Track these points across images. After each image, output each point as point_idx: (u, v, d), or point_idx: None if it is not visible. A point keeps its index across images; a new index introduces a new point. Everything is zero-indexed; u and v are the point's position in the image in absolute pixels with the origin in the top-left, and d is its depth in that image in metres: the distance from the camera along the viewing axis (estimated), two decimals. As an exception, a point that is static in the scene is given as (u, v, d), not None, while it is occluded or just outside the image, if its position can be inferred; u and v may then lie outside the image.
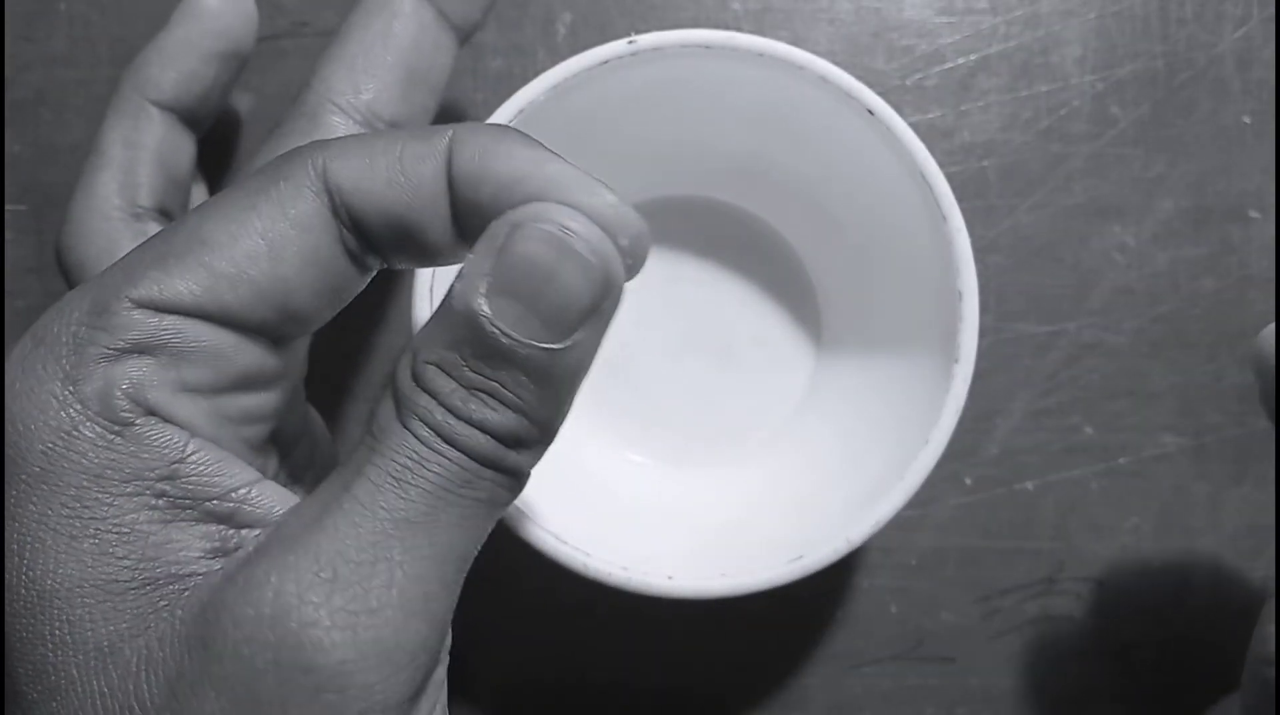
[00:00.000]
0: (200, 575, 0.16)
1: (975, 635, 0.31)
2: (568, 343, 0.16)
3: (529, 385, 0.16)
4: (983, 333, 0.30)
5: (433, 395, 0.16)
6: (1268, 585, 0.32)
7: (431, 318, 0.17)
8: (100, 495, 0.16)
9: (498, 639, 0.31)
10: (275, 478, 0.20)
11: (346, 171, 0.17)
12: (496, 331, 0.16)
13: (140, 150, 0.25)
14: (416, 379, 0.16)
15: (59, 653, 0.15)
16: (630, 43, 0.24)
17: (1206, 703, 0.31)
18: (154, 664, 0.15)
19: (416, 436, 0.16)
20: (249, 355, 0.17)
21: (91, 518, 0.15)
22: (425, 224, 0.17)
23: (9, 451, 0.16)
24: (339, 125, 0.23)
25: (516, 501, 0.24)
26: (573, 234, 0.16)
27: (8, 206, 0.32)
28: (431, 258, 0.18)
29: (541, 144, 0.17)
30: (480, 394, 0.16)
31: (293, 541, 0.16)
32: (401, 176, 0.17)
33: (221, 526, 0.16)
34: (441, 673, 0.18)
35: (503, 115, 0.24)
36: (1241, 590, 0.32)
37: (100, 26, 0.32)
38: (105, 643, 0.15)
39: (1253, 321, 0.32)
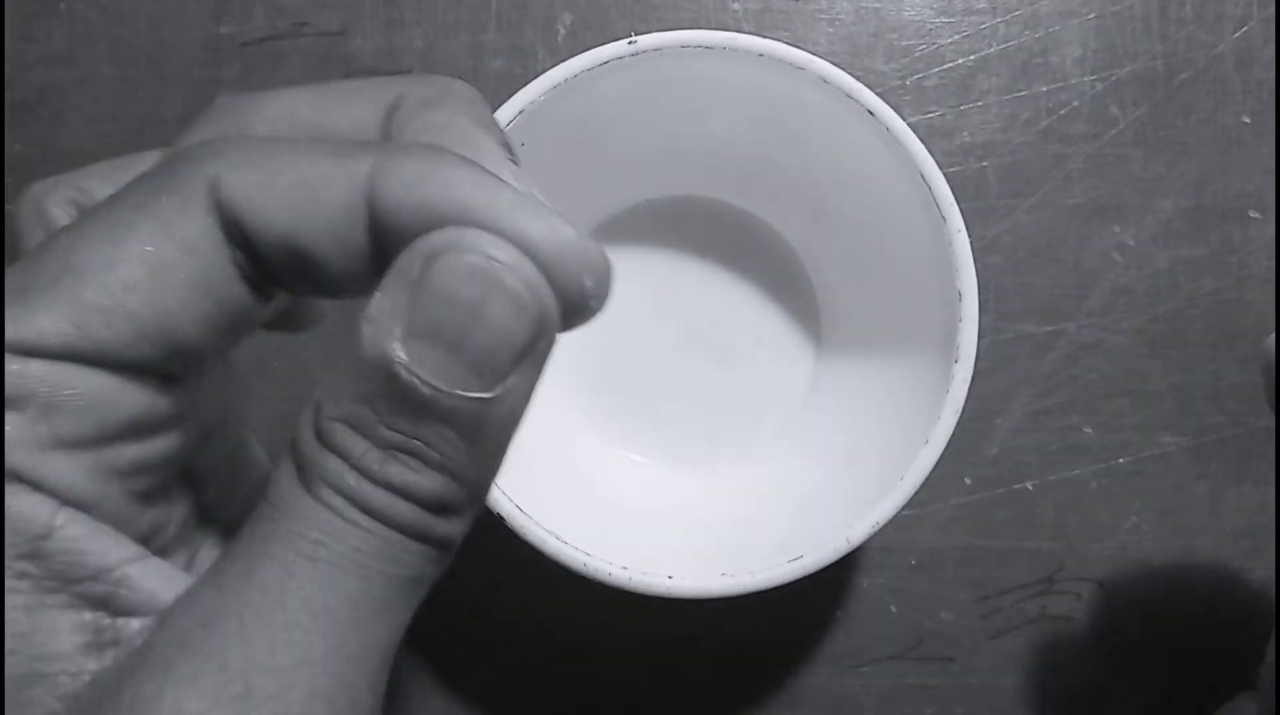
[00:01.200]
0: (70, 674, 0.13)
1: (975, 635, 0.31)
2: (498, 391, 0.14)
3: (456, 441, 0.14)
4: (983, 333, 0.30)
5: (343, 457, 0.14)
6: (1267, 585, 0.32)
7: (336, 364, 0.14)
8: None
9: (497, 638, 0.31)
10: (183, 524, 0.17)
11: (241, 187, 0.14)
12: (415, 380, 0.13)
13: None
14: (322, 438, 0.14)
15: None
16: (630, 43, 0.24)
17: (1206, 702, 0.31)
18: None
19: (328, 506, 0.14)
20: (133, 399, 0.14)
21: None
22: (328, 257, 0.14)
23: None
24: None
25: (517, 501, 0.24)
26: (500, 264, 0.13)
27: (8, 207, 0.32)
28: (336, 292, 0.15)
29: (484, 168, 0.14)
30: (399, 454, 0.14)
31: (190, 644, 0.13)
32: (305, 201, 0.14)
33: (98, 613, 0.14)
34: None
35: (503, 115, 0.24)
36: (1241, 590, 0.32)
37: (100, 26, 0.32)
38: None
39: (1253, 321, 0.32)
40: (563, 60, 0.24)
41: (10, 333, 0.13)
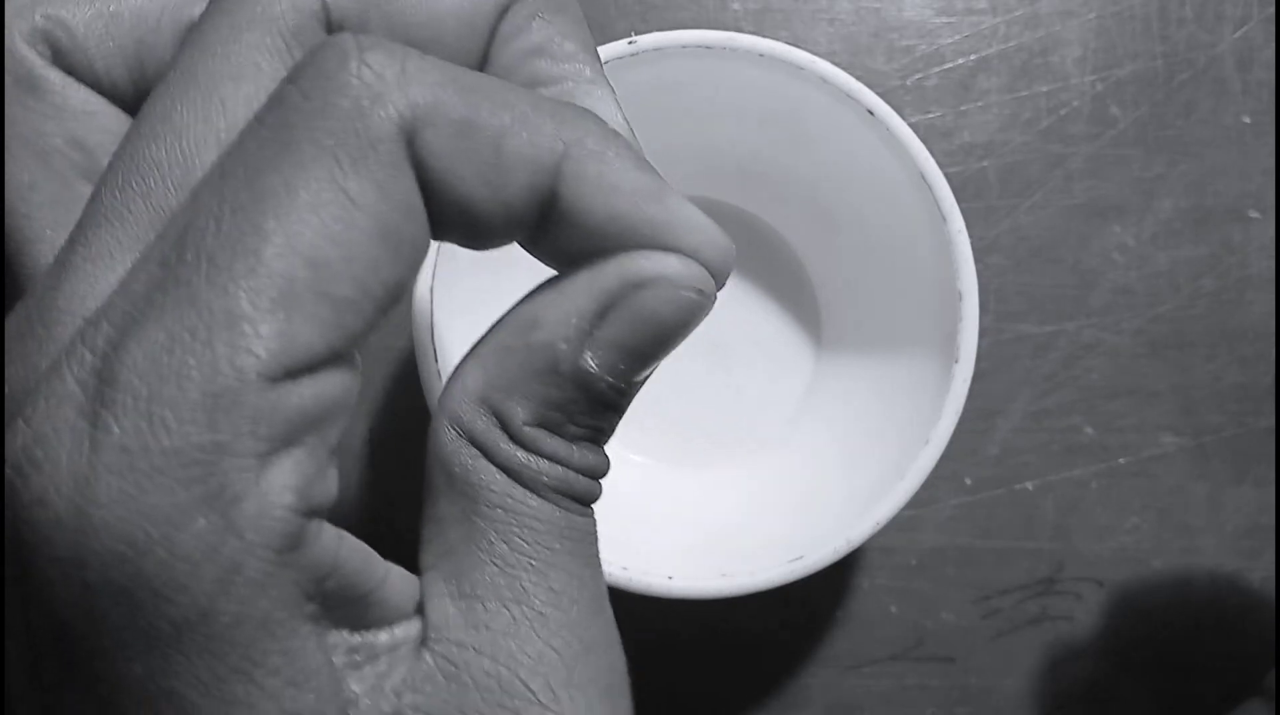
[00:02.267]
0: (360, 697, 0.13)
1: (975, 635, 0.31)
2: (648, 372, 0.15)
3: (616, 419, 0.15)
4: (983, 333, 0.30)
5: (559, 461, 0.14)
6: (1267, 585, 0.32)
7: (507, 361, 0.14)
8: (270, 645, 0.12)
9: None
10: None
11: (437, 144, 0.13)
12: (604, 386, 0.14)
13: None
14: (529, 446, 0.14)
15: None
16: (630, 43, 0.24)
17: (1206, 702, 0.31)
18: None
19: (566, 510, 0.15)
20: (355, 376, 0.13)
21: (269, 674, 0.12)
22: (495, 225, 0.14)
23: (127, 620, 0.11)
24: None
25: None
26: (704, 295, 0.15)
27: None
28: (475, 246, 0.14)
29: (651, 165, 0.15)
30: (585, 443, 0.15)
31: (559, 671, 0.14)
32: (496, 176, 0.13)
33: (355, 633, 0.13)
34: None
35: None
36: (1241, 590, 0.32)
37: (100, 27, 0.32)
38: None
39: (1253, 321, 0.32)
40: (563, 60, 0.24)
41: (279, 356, 0.12)
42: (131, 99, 0.16)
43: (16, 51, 0.15)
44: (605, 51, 0.24)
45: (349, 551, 0.13)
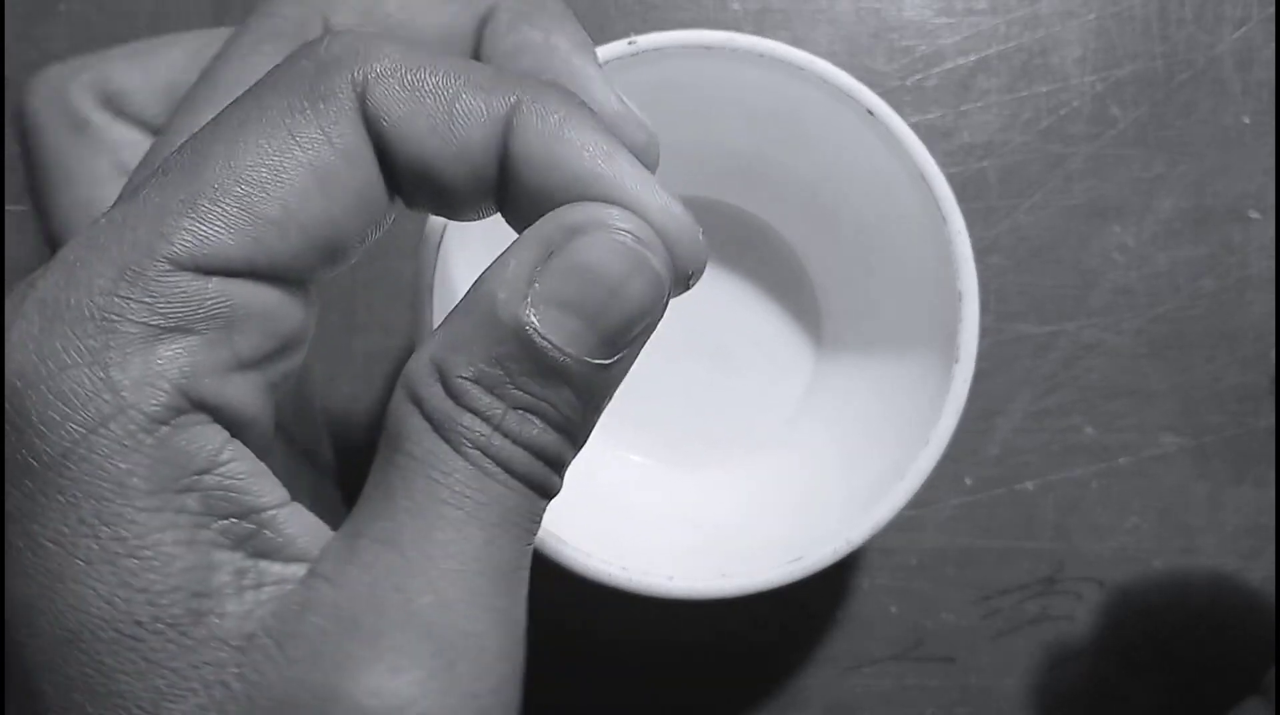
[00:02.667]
0: (218, 615, 0.13)
1: (975, 635, 0.31)
2: (618, 357, 0.15)
3: (574, 402, 0.14)
4: (983, 333, 0.30)
5: (483, 417, 0.14)
6: (1267, 585, 0.32)
7: (456, 320, 0.14)
8: (124, 509, 0.13)
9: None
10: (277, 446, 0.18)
11: (388, 102, 0.14)
12: (548, 346, 0.14)
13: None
14: (456, 397, 0.14)
15: (98, 706, 0.13)
16: (630, 43, 0.24)
17: (1206, 701, 0.31)
18: None
19: (478, 467, 0.14)
20: (294, 309, 0.15)
21: (113, 539, 0.13)
22: (458, 185, 0.15)
23: (11, 450, 0.13)
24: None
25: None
26: (644, 244, 0.14)
27: (8, 207, 0.32)
28: (451, 212, 0.15)
29: (611, 135, 0.15)
30: (528, 414, 0.14)
31: (388, 610, 0.13)
32: (449, 131, 0.14)
33: (238, 553, 0.14)
34: None
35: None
36: (1241, 590, 0.32)
37: (100, 26, 0.32)
38: (146, 702, 0.13)
39: (1253, 321, 0.32)
40: (563, 60, 0.24)
41: (191, 250, 0.13)
42: None
43: (71, 102, 0.17)
44: (605, 52, 0.24)
45: (239, 461, 0.14)
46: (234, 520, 0.14)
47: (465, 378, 0.14)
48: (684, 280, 0.15)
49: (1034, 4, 0.33)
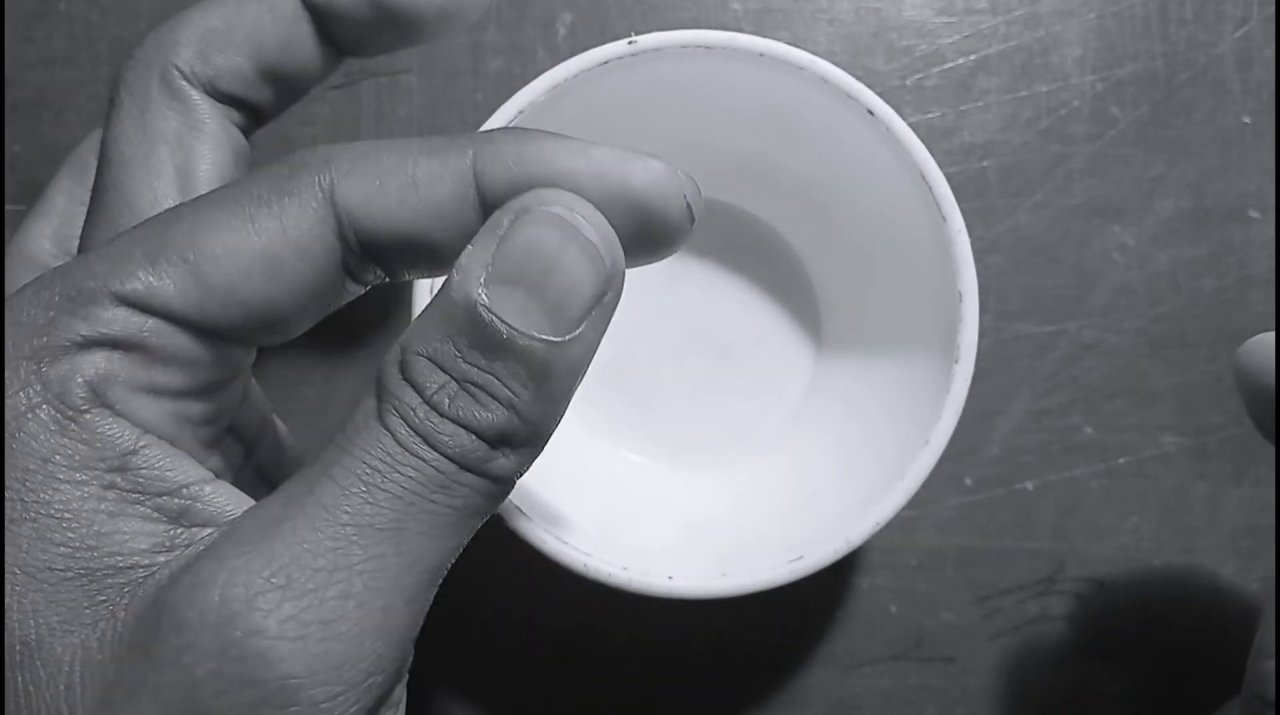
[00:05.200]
0: (143, 568, 0.15)
1: (975, 635, 0.31)
2: (570, 336, 0.15)
3: (525, 380, 0.15)
4: (983, 333, 0.30)
5: (419, 390, 0.15)
6: (1267, 586, 0.32)
7: (426, 309, 0.16)
8: (45, 479, 0.15)
9: (497, 638, 0.31)
10: (239, 476, 0.20)
11: (355, 193, 0.16)
12: (495, 320, 0.15)
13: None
14: (403, 371, 0.15)
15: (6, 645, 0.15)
16: (630, 43, 0.24)
17: (1206, 702, 0.31)
18: (90, 665, 0.14)
19: (394, 436, 0.15)
20: (221, 365, 0.17)
21: (34, 502, 0.15)
22: (445, 241, 0.16)
23: None
24: (199, 103, 0.19)
25: (516, 501, 0.24)
26: (577, 217, 0.15)
27: (8, 206, 0.32)
28: (446, 270, 0.17)
29: (573, 138, 0.16)
30: (472, 388, 0.15)
31: (245, 543, 0.15)
32: (416, 198, 0.16)
33: (171, 525, 0.16)
34: (399, 693, 0.17)
35: (502, 115, 0.24)
36: (1241, 590, 0.32)
37: (100, 26, 0.32)
38: (33, 636, 0.14)
39: (1253, 321, 0.32)
40: (562, 60, 0.24)
41: (137, 291, 0.15)
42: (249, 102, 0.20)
43: (174, 82, 0.19)
44: (605, 52, 0.24)
45: (159, 447, 0.16)
46: (168, 497, 0.16)
47: (420, 354, 0.15)
48: (680, 224, 0.16)
49: (1034, 4, 0.33)
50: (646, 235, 0.16)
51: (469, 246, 0.16)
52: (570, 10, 0.32)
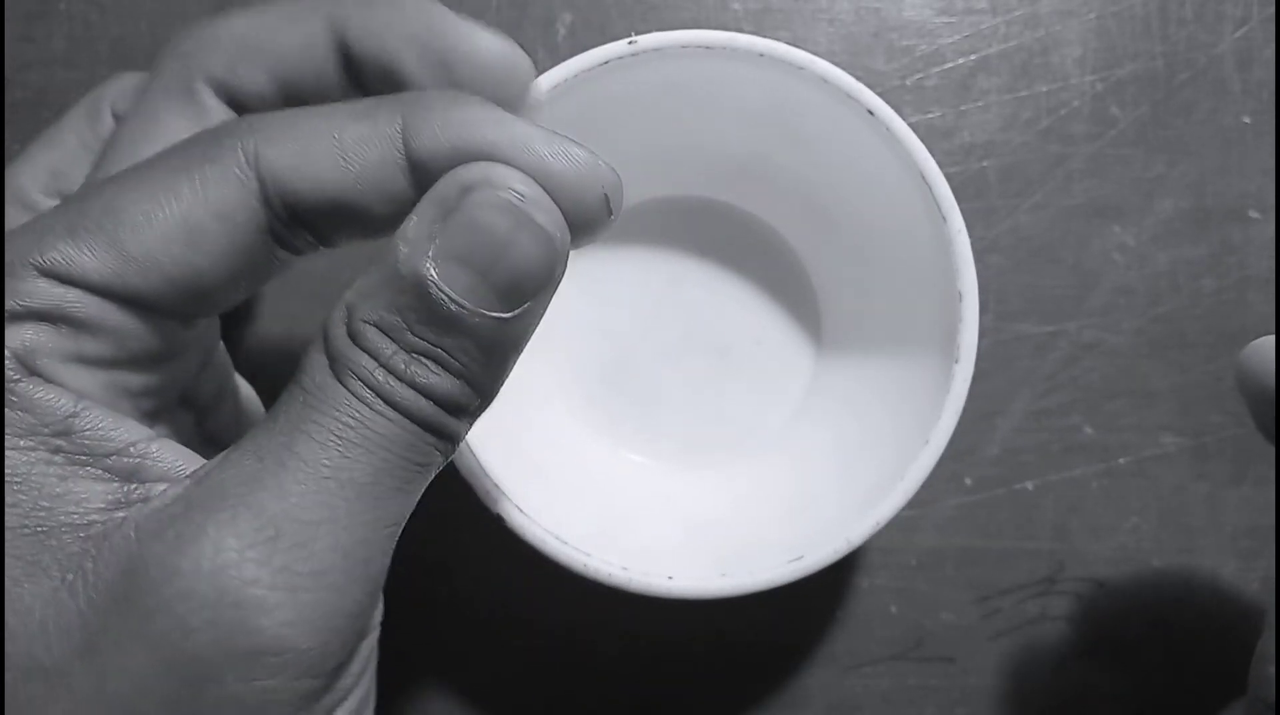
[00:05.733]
0: (101, 524, 0.15)
1: (975, 635, 0.31)
2: (519, 312, 0.16)
3: (474, 352, 0.16)
4: (983, 333, 0.30)
5: (373, 356, 0.15)
6: (1267, 586, 0.32)
7: (370, 272, 0.16)
8: None
9: (497, 638, 0.31)
10: (189, 442, 0.20)
11: (281, 159, 0.16)
12: (444, 298, 0.15)
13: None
14: (355, 338, 0.16)
15: None
16: (630, 43, 0.24)
17: (1207, 702, 0.31)
18: (65, 613, 0.15)
19: (358, 397, 0.15)
20: (151, 335, 0.17)
21: None
22: (373, 206, 0.16)
23: None
24: (214, 108, 0.19)
25: (517, 502, 0.24)
26: (529, 202, 0.15)
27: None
28: (379, 234, 0.17)
29: (497, 106, 0.16)
30: (422, 358, 0.16)
31: (230, 496, 0.15)
32: (344, 163, 0.16)
33: (124, 482, 0.16)
34: (372, 640, 0.18)
35: (503, 115, 0.24)
36: (1241, 590, 0.32)
37: (100, 26, 0.32)
38: None
39: (1253, 321, 0.32)
40: (562, 60, 0.24)
41: (56, 263, 0.15)
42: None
43: (199, 95, 0.19)
44: (605, 52, 0.24)
45: (98, 411, 0.16)
46: (116, 457, 0.16)
47: (367, 322, 0.16)
48: (598, 217, 0.16)
49: (1034, 4, 0.33)
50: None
51: (413, 217, 0.16)
52: (570, 10, 0.32)
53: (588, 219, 0.16)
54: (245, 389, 0.23)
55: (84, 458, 0.16)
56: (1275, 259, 0.32)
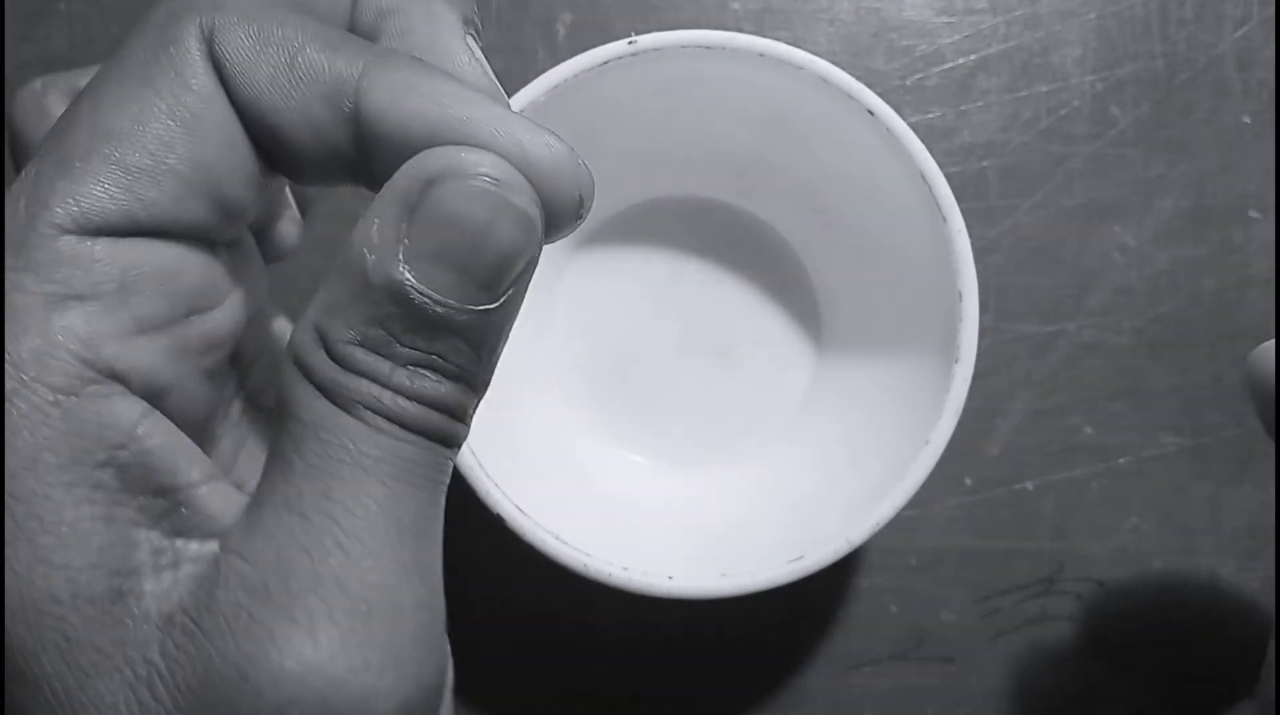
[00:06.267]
0: (136, 595, 0.13)
1: (975, 635, 0.31)
2: (504, 299, 0.14)
3: (466, 350, 0.14)
4: (983, 333, 0.30)
5: (372, 378, 0.14)
6: (1267, 586, 0.32)
7: (333, 284, 0.14)
8: (37, 485, 0.13)
9: (497, 638, 0.31)
10: (234, 402, 0.18)
11: (232, 49, 0.14)
12: (428, 302, 0.14)
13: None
14: (343, 362, 0.14)
15: (23, 689, 0.13)
16: (630, 43, 0.24)
17: (1206, 702, 0.31)
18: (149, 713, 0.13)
19: (373, 426, 0.14)
20: (195, 267, 0.15)
21: (29, 516, 0.13)
22: (301, 143, 0.14)
23: None
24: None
25: (517, 502, 0.24)
26: (503, 185, 0.14)
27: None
28: (301, 177, 0.15)
29: (469, 83, 0.15)
30: (421, 370, 0.14)
31: (299, 572, 0.13)
32: (289, 83, 0.14)
33: (155, 531, 0.14)
34: (450, 681, 0.17)
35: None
36: (1241, 591, 0.32)
37: (100, 26, 0.32)
38: (72, 681, 0.13)
39: (1253, 321, 0.32)
40: (562, 60, 0.24)
41: (68, 209, 0.13)
42: None
43: (47, 105, 0.18)
44: (605, 52, 0.24)
45: (157, 435, 0.14)
46: (152, 497, 0.14)
47: (348, 342, 0.14)
48: (570, 216, 0.15)
49: (1034, 4, 0.33)
50: None
51: (373, 219, 0.14)
52: (570, 10, 0.32)
53: (559, 218, 0.15)
54: (282, 327, 0.21)
55: (124, 497, 0.13)
56: (1275, 259, 0.32)
